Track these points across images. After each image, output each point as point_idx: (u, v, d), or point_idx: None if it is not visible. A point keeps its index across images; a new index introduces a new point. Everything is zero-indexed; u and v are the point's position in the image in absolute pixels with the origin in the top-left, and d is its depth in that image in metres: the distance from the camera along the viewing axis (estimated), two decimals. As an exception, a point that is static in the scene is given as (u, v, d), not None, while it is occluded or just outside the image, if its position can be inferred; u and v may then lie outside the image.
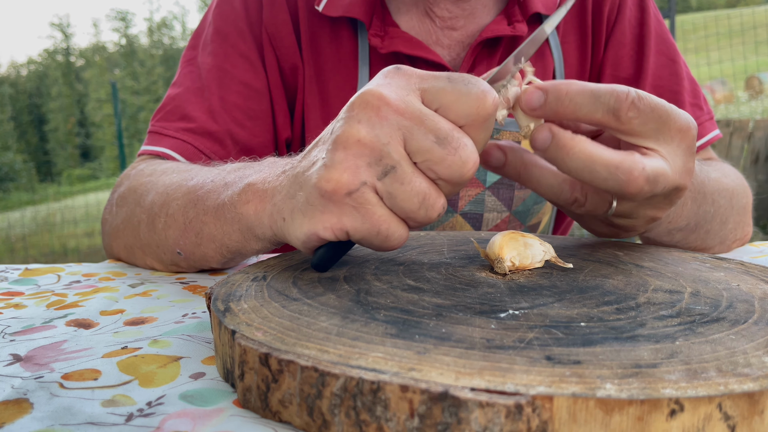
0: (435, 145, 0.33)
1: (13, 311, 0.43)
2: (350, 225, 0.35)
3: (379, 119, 0.33)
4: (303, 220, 0.36)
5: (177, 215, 0.50)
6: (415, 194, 0.34)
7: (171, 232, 0.51)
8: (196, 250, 0.50)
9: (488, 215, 0.70)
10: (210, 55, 0.69)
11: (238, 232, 0.44)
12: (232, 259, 0.50)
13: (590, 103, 0.36)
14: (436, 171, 0.34)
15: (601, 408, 0.22)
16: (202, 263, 0.52)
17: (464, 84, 0.34)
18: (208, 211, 0.47)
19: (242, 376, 0.27)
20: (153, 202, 0.53)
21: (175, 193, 0.51)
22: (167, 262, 0.54)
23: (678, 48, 0.73)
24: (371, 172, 0.34)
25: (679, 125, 0.37)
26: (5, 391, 0.29)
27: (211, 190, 0.47)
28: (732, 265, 0.41)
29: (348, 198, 0.34)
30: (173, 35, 37.45)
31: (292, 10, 0.70)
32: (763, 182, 3.69)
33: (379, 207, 0.34)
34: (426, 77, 0.35)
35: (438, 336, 0.27)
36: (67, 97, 30.69)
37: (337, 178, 0.33)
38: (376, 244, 0.36)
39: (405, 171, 0.34)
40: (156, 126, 0.68)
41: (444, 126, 0.34)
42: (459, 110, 0.34)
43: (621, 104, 0.36)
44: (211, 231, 0.47)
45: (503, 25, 0.67)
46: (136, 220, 0.55)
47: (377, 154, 0.33)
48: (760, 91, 8.20)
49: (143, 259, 0.56)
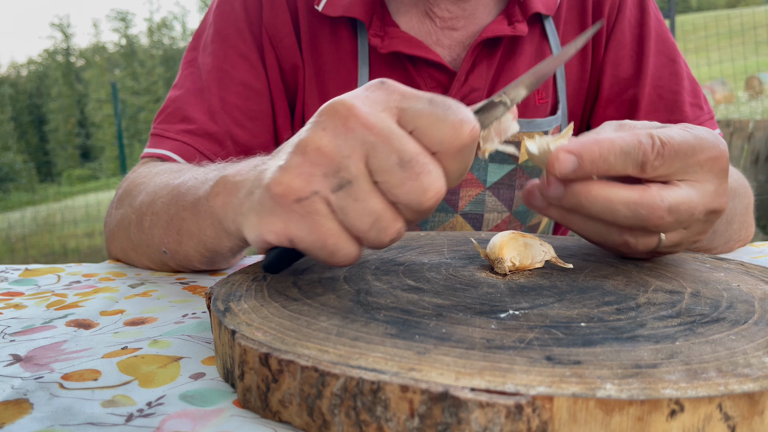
0: (396, 166, 0.32)
1: (13, 311, 0.43)
2: (295, 233, 0.33)
3: (345, 130, 0.32)
4: (253, 219, 0.35)
5: (161, 213, 0.50)
6: (368, 213, 0.32)
7: (156, 231, 0.51)
8: (178, 248, 0.50)
9: (489, 215, 0.70)
10: (210, 56, 0.69)
11: (211, 226, 0.43)
12: (212, 259, 0.50)
13: (622, 161, 0.36)
14: (394, 194, 0.32)
15: (601, 408, 0.22)
16: (185, 263, 0.52)
17: (443, 109, 0.33)
18: (186, 206, 0.46)
19: (242, 376, 0.27)
20: (142, 202, 0.54)
21: (161, 192, 0.51)
22: (158, 263, 0.54)
23: (678, 48, 0.73)
24: (325, 183, 0.32)
25: (707, 155, 0.37)
26: (5, 392, 0.29)
27: (192, 186, 0.46)
28: (732, 266, 0.41)
29: (296, 205, 0.32)
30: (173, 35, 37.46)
31: (292, 10, 0.70)
32: (764, 182, 3.69)
33: (329, 220, 0.33)
34: (408, 96, 0.33)
35: (438, 336, 0.27)
36: (68, 98, 30.70)
37: (288, 183, 0.32)
38: (322, 257, 0.34)
39: (361, 188, 0.32)
40: (157, 128, 0.68)
41: (410, 148, 0.32)
42: (433, 135, 0.32)
43: (647, 158, 0.36)
44: (189, 227, 0.46)
45: (503, 26, 0.67)
46: (128, 221, 0.56)
47: (335, 165, 0.32)
48: (760, 92, 8.20)
49: (138, 259, 0.56)
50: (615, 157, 0.36)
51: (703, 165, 0.37)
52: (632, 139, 0.36)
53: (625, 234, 0.39)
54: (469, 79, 0.68)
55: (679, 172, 0.37)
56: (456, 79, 0.68)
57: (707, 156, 0.37)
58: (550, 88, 0.71)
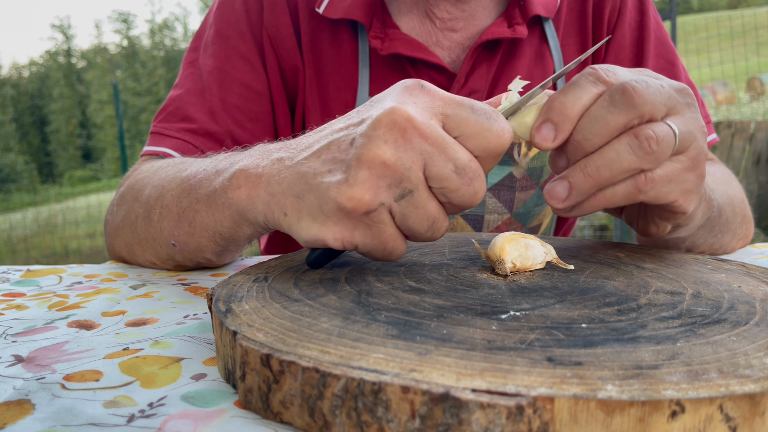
0: (453, 174, 0.34)
1: (15, 312, 0.43)
2: (360, 240, 0.36)
3: (405, 142, 0.34)
4: (312, 224, 0.36)
5: (171, 206, 0.50)
6: (427, 218, 0.35)
7: (166, 224, 0.51)
8: (190, 240, 0.50)
9: (489, 217, 0.70)
10: (211, 56, 0.70)
11: (229, 218, 0.44)
12: (226, 248, 0.50)
13: (579, 88, 0.37)
14: (449, 198, 0.35)
15: (602, 409, 0.22)
16: (196, 254, 0.52)
17: (486, 118, 0.35)
18: (200, 199, 0.47)
19: (243, 377, 0.27)
20: (149, 196, 0.54)
21: (170, 185, 0.52)
22: (164, 257, 0.54)
23: (679, 49, 0.74)
24: (390, 194, 0.34)
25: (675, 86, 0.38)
26: (7, 392, 0.29)
27: (204, 178, 0.47)
28: (733, 267, 0.41)
29: (365, 216, 0.35)
30: (175, 37, 37.50)
31: (293, 12, 0.70)
32: (764, 183, 3.68)
33: (390, 226, 0.36)
34: (449, 102, 0.35)
35: (439, 337, 0.27)
36: (69, 99, 30.74)
37: (360, 198, 0.34)
38: (379, 257, 0.37)
39: (421, 196, 0.35)
40: (157, 127, 0.68)
41: (463, 156, 0.34)
42: (478, 143, 0.35)
43: (596, 70, 0.37)
44: (203, 219, 0.47)
45: (503, 28, 0.67)
46: (134, 215, 0.56)
47: (398, 176, 0.34)
48: (762, 93, 8.19)
49: (142, 255, 0.56)
50: (572, 90, 0.37)
51: (649, 73, 0.39)
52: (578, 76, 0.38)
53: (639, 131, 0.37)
54: (469, 81, 0.68)
55: (628, 75, 0.38)
56: (456, 81, 0.68)
57: (673, 86, 0.38)
58: (550, 88, 0.71)
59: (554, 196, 0.38)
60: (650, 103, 0.36)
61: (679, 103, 0.38)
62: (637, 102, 0.36)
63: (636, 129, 0.37)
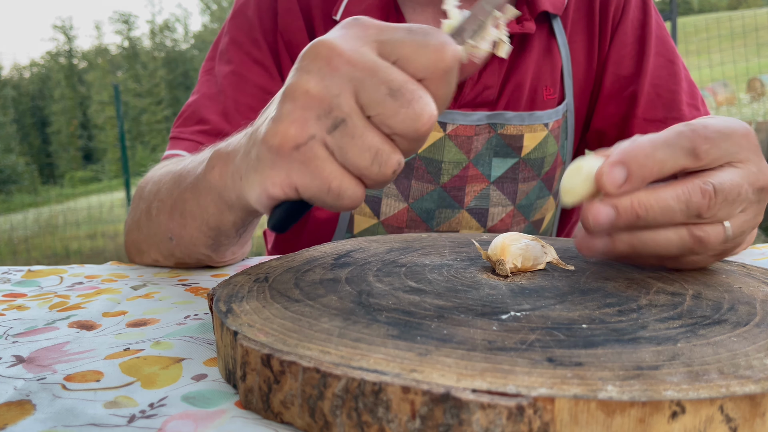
0: (387, 97, 0.32)
1: (16, 313, 0.43)
2: (299, 181, 0.33)
3: (330, 70, 0.32)
4: (255, 177, 0.35)
5: (165, 199, 0.51)
6: (367, 149, 0.32)
7: (162, 217, 0.52)
8: (183, 232, 0.50)
9: (493, 210, 0.71)
10: (227, 63, 0.71)
11: (212, 203, 0.44)
12: (217, 240, 0.50)
13: (670, 154, 0.34)
14: (389, 125, 0.32)
15: (603, 410, 0.22)
16: (192, 248, 0.52)
17: (423, 35, 0.33)
18: (187, 188, 0.47)
19: (244, 377, 0.27)
20: (149, 192, 0.55)
21: (165, 179, 0.53)
22: (165, 253, 0.55)
23: (679, 50, 0.74)
24: (320, 126, 0.32)
25: (741, 132, 0.36)
26: (8, 393, 0.29)
27: (191, 168, 0.47)
28: (734, 268, 0.41)
29: (296, 152, 0.32)
30: (175, 37, 37.52)
31: (307, 17, 0.70)
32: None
33: (329, 162, 0.33)
34: (384, 29, 0.34)
35: (440, 337, 0.27)
36: (70, 100, 30.77)
37: (284, 131, 0.32)
38: (329, 202, 0.34)
39: (356, 124, 0.32)
40: (175, 132, 0.71)
41: (398, 77, 0.32)
42: (417, 62, 0.32)
43: (695, 142, 0.34)
44: (191, 208, 0.47)
45: (512, 24, 0.68)
46: (139, 213, 0.57)
47: (326, 106, 0.32)
48: (762, 93, 8.19)
49: (148, 253, 0.58)
50: (663, 152, 0.34)
51: (741, 144, 0.36)
52: (671, 132, 0.35)
53: (693, 230, 0.36)
54: (482, 77, 0.69)
55: (723, 157, 0.36)
56: (469, 78, 0.69)
57: (741, 134, 0.36)
58: (558, 84, 0.72)
59: (594, 218, 0.34)
60: (719, 214, 0.35)
61: (751, 204, 0.37)
62: (711, 213, 0.35)
63: (693, 227, 0.35)
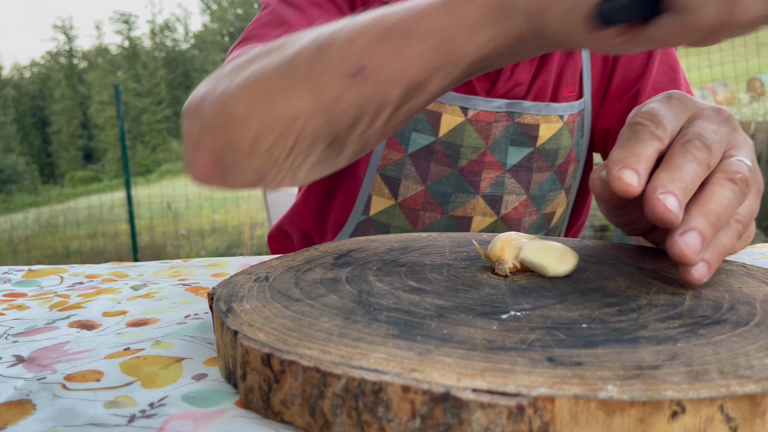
0: None
1: (16, 312, 0.43)
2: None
3: None
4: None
5: (371, 24, 0.42)
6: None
7: (361, 41, 0.41)
8: (390, 60, 0.40)
9: (507, 197, 0.72)
10: (289, 5, 0.66)
11: (467, 15, 0.38)
12: (422, 90, 0.41)
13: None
14: None
15: (603, 409, 0.22)
16: (382, 91, 0.41)
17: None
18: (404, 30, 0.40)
19: (244, 376, 0.27)
20: (311, 37, 0.44)
21: (348, 21, 0.43)
22: (325, 100, 0.42)
23: (679, 50, 0.76)
24: None
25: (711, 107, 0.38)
26: (8, 393, 0.29)
27: (392, 13, 0.41)
28: (734, 267, 0.41)
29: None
30: (176, 37, 37.50)
31: None
32: (764, 183, 3.68)
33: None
34: None
35: (440, 337, 0.27)
36: (70, 100, 30.76)
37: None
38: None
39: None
40: (253, 31, 0.63)
41: None
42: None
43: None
44: (425, 26, 0.39)
45: None
46: (287, 56, 0.44)
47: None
48: (762, 93, 8.19)
49: (282, 103, 0.43)
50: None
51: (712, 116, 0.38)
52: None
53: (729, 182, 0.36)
54: (515, 73, 0.70)
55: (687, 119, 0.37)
56: (502, 73, 0.70)
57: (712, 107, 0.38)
58: (577, 83, 0.74)
59: (690, 247, 0.32)
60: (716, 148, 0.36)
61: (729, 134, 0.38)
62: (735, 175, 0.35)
63: (727, 173, 0.35)
